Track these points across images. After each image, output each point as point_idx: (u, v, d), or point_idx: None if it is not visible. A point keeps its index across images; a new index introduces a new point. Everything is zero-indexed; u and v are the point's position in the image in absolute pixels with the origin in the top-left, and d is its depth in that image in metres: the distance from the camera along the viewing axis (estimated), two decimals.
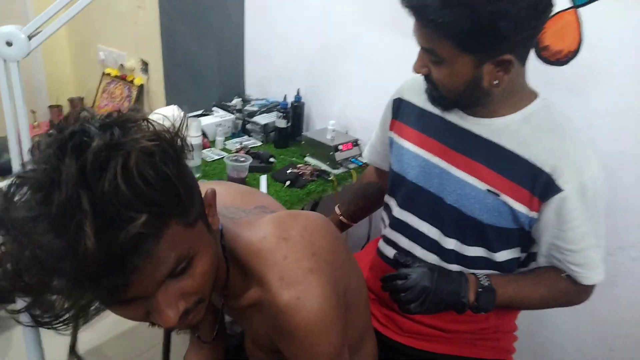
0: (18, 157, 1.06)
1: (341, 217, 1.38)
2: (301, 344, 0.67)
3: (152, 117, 1.58)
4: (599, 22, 1.23)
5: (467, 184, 0.99)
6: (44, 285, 0.48)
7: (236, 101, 1.97)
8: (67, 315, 0.52)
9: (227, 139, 1.82)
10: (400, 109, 1.14)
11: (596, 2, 1.21)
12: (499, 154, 0.95)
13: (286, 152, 1.77)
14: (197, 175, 1.57)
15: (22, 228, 0.47)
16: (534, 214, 0.94)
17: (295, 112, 1.82)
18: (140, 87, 2.65)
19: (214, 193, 0.65)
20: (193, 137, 1.55)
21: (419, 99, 1.08)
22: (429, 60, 0.92)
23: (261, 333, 0.74)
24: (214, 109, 1.94)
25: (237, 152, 1.67)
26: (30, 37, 0.98)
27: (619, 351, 1.41)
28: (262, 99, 1.96)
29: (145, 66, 2.60)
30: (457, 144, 1.00)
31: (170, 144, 0.53)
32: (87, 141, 0.48)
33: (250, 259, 0.69)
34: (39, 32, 1.01)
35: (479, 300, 0.95)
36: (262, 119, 1.84)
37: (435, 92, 0.97)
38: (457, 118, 1.01)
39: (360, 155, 1.69)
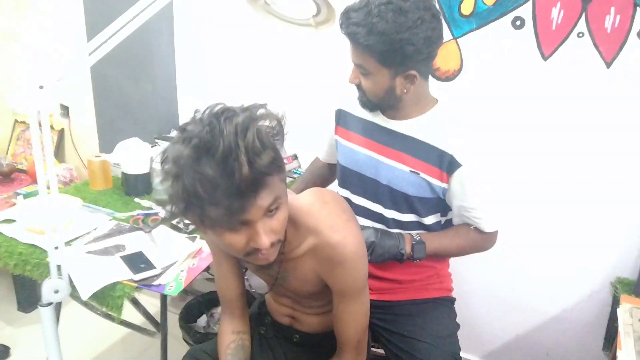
0: (45, 184, 1.23)
1: None
2: (349, 269, 0.98)
3: (118, 148, 1.80)
4: (474, 48, 1.70)
5: (396, 168, 1.33)
6: (210, 197, 0.76)
7: (175, 133, 2.19)
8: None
9: None
10: (341, 117, 1.47)
11: (470, 33, 1.69)
12: (415, 144, 1.31)
13: None
14: (165, 197, 1.78)
15: (193, 165, 0.75)
16: (445, 185, 1.30)
17: None
18: (61, 131, 2.71)
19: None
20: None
21: (355, 109, 1.42)
22: (360, 73, 1.26)
23: (309, 276, 1.03)
24: (157, 141, 2.14)
25: None
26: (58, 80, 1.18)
27: (519, 291, 1.89)
28: None
29: (65, 110, 2.68)
30: (386, 140, 1.35)
31: (280, 125, 0.83)
32: (232, 115, 0.78)
33: (305, 218, 0.99)
34: (62, 77, 1.21)
35: (414, 251, 1.30)
36: None
37: (364, 98, 1.31)
38: (382, 121, 1.36)
39: (299, 167, 2.01)
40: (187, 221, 1.59)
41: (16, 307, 2.43)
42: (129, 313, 1.66)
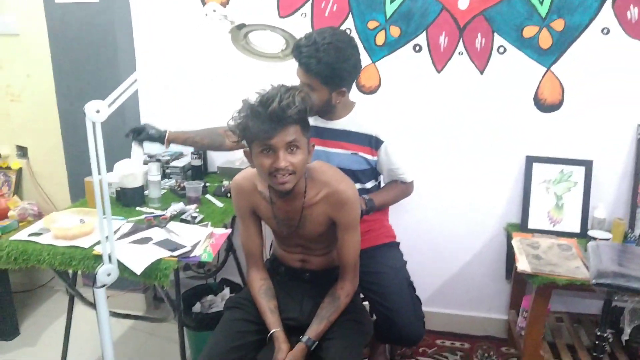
0: (100, 189, 1.56)
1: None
2: (350, 207, 1.48)
3: (116, 167, 2.17)
4: (388, 69, 2.31)
5: (341, 153, 1.87)
6: (253, 116, 1.31)
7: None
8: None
9: None
10: None
11: (384, 58, 2.29)
12: (350, 134, 1.86)
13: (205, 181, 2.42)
14: (158, 205, 2.13)
15: (251, 103, 1.29)
16: (375, 158, 1.88)
17: (204, 154, 2.50)
18: (19, 171, 2.90)
19: (314, 146, 1.45)
20: (154, 175, 2.12)
21: None
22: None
23: (322, 218, 1.50)
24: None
25: (178, 185, 2.28)
26: (109, 106, 1.55)
27: (442, 245, 2.48)
28: (166, 152, 2.56)
29: (22, 151, 2.88)
30: (329, 136, 1.88)
31: (311, 102, 1.35)
32: (282, 87, 1.29)
33: (320, 175, 1.48)
34: (113, 103, 1.58)
35: (368, 206, 1.83)
36: (179, 163, 2.46)
37: None
38: (323, 124, 1.89)
39: None
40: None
41: None
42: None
